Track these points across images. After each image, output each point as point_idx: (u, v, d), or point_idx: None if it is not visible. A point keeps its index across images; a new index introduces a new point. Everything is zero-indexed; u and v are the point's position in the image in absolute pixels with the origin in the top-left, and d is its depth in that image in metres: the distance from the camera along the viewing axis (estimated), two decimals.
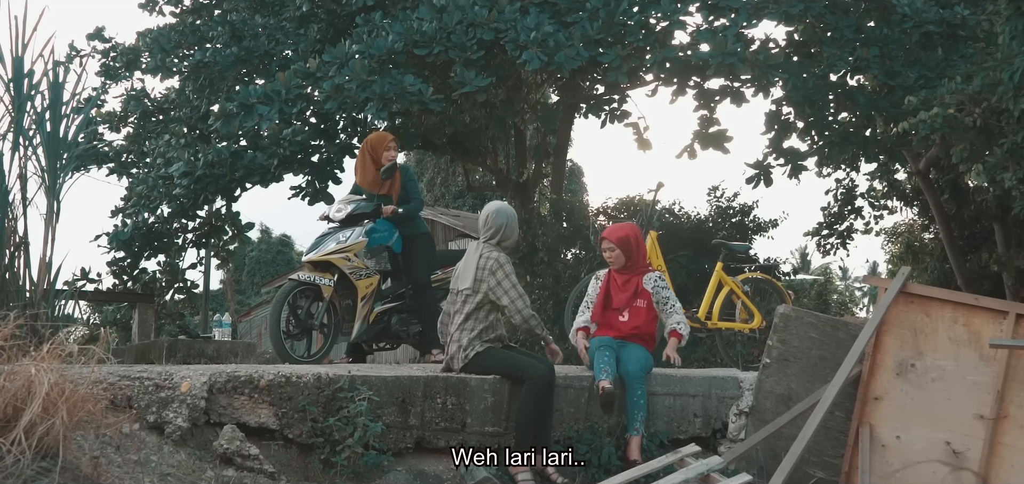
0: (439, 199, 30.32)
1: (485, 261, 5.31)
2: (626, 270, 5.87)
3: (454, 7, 9.40)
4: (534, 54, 9.04)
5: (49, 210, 5.48)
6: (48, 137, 5.50)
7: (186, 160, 10.55)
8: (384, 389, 4.94)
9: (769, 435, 5.17)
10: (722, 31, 9.27)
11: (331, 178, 11.10)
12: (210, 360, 8.92)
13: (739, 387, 5.96)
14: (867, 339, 5.15)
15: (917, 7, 9.92)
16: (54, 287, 5.50)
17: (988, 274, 15.87)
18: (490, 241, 5.42)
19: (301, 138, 10.42)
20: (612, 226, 6.05)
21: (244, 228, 13.32)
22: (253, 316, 31.72)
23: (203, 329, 17.44)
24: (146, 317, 12.48)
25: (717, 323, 7.53)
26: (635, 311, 5.77)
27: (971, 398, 4.99)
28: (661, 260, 7.37)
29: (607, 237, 5.91)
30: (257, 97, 9.67)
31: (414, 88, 9.12)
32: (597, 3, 9.37)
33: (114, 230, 11.68)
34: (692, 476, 4.75)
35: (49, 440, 3.57)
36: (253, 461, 4.46)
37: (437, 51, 9.34)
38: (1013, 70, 8.30)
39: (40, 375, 3.62)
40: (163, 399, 4.46)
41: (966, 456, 4.96)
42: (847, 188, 18.24)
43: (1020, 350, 4.88)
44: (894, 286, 5.22)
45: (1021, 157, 8.35)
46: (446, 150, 13.12)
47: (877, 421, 5.17)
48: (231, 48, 11.53)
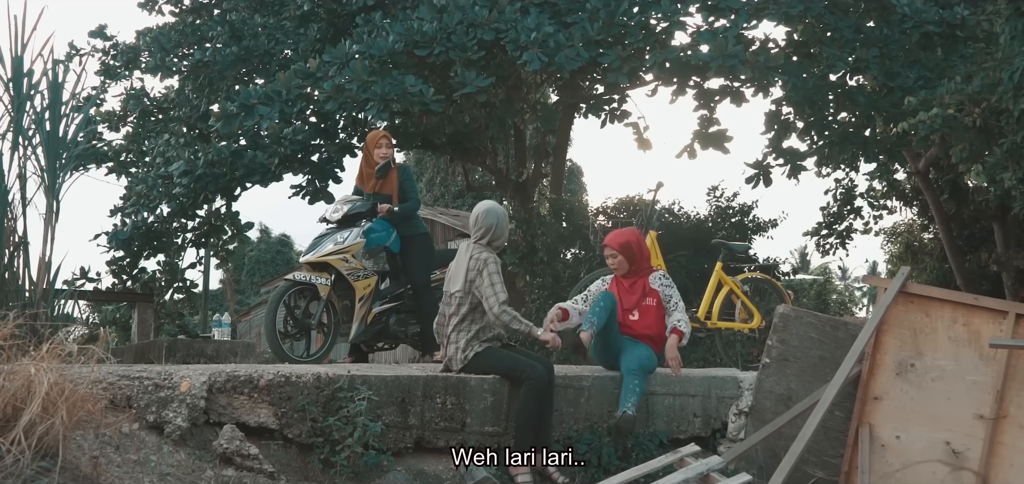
0: (439, 199, 30.32)
1: (474, 262, 5.31)
2: (631, 274, 5.87)
3: (454, 7, 9.40)
4: (535, 55, 9.04)
5: (48, 209, 5.48)
6: (47, 136, 5.50)
7: (186, 159, 10.54)
8: (384, 389, 4.93)
9: (769, 435, 5.17)
10: (722, 32, 9.27)
11: (331, 177, 11.09)
12: (209, 360, 8.91)
13: (739, 387, 5.96)
14: (867, 339, 5.15)
15: (917, 7, 9.92)
16: (54, 287, 5.50)
17: (987, 274, 15.87)
18: (480, 241, 5.41)
19: (301, 137, 10.41)
20: (613, 232, 6.02)
21: (243, 228, 13.32)
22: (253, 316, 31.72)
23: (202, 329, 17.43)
24: (145, 317, 12.48)
25: (717, 323, 7.53)
26: (645, 310, 5.78)
27: (971, 398, 4.99)
28: (661, 260, 7.37)
29: (609, 244, 5.89)
30: (258, 97, 9.67)
31: (415, 89, 9.12)
32: (597, 3, 9.37)
33: (113, 229, 11.68)
34: (692, 476, 4.74)
35: (49, 440, 3.57)
36: (253, 461, 4.46)
37: (437, 51, 9.34)
38: (1013, 70, 8.30)
39: (40, 375, 3.62)
40: (163, 399, 4.46)
41: (966, 456, 4.96)
42: (846, 188, 18.24)
43: (1020, 350, 4.88)
44: (894, 286, 5.22)
45: (1021, 157, 8.35)
46: (446, 150, 13.10)
47: (877, 421, 5.17)
48: (231, 48, 11.52)
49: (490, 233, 5.40)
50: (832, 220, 18.38)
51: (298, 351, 6.69)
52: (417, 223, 7.21)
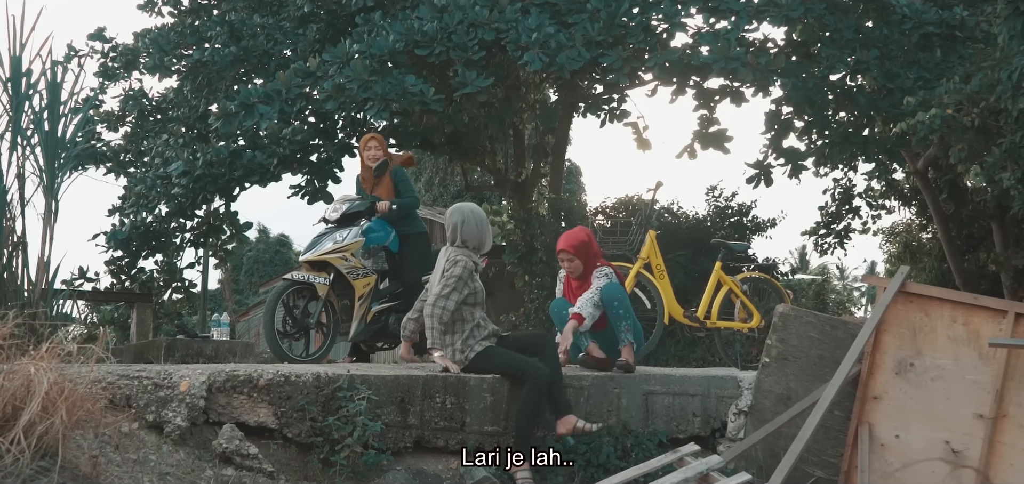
0: (438, 199, 30.29)
1: (446, 264, 5.29)
2: (583, 276, 5.86)
3: (455, 7, 9.40)
4: (536, 55, 9.04)
5: (47, 209, 5.48)
6: (46, 136, 5.50)
7: (185, 159, 10.54)
8: (383, 388, 4.93)
9: (768, 434, 5.17)
10: (724, 34, 9.26)
11: (330, 177, 11.09)
12: (209, 359, 8.91)
13: (738, 386, 5.96)
14: (866, 338, 5.15)
15: (916, 8, 9.92)
16: (53, 286, 5.49)
17: (986, 274, 15.88)
18: (453, 244, 5.38)
19: (300, 138, 10.41)
20: (565, 235, 5.91)
21: (242, 227, 13.33)
22: (251, 315, 31.69)
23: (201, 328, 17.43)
24: (144, 317, 12.48)
25: (716, 322, 7.53)
26: None
27: (970, 397, 4.99)
28: (660, 259, 7.37)
29: (565, 248, 5.80)
30: (258, 97, 9.66)
31: (416, 88, 9.12)
32: (598, 4, 9.36)
33: (111, 229, 11.67)
34: (691, 475, 4.74)
35: (48, 439, 3.56)
36: (252, 460, 4.45)
37: (438, 51, 9.34)
38: (1011, 70, 8.30)
39: (39, 374, 3.62)
40: (162, 398, 4.46)
41: (965, 455, 4.95)
42: (845, 188, 18.26)
43: (1019, 349, 4.88)
44: (893, 285, 5.22)
45: (1019, 157, 8.35)
46: (445, 149, 13.12)
47: (876, 420, 5.17)
48: (230, 48, 11.52)
49: (457, 233, 5.34)
50: (830, 220, 18.40)
51: (297, 351, 6.68)
52: (415, 222, 7.22)
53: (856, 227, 18.53)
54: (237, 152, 10.27)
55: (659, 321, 7.25)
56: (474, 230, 5.37)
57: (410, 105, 9.30)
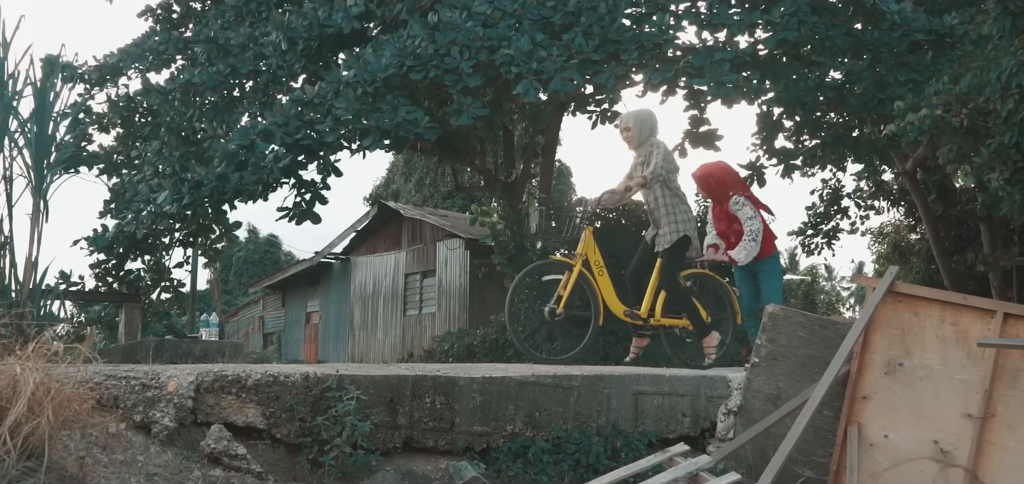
0: (428, 199, 30.26)
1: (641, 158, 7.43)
2: (720, 202, 7.93)
3: (448, 26, 9.37)
4: (529, 84, 9.01)
5: (35, 209, 5.45)
6: (34, 137, 5.47)
7: (172, 185, 10.37)
8: (372, 388, 4.92)
9: (758, 434, 5.17)
10: (718, 60, 9.19)
11: (318, 199, 10.77)
12: (197, 360, 8.86)
13: (728, 386, 5.97)
14: (855, 338, 5.16)
15: (906, 15, 9.94)
16: (40, 287, 5.47)
17: (974, 274, 15.96)
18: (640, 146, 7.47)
19: (287, 162, 10.22)
20: (701, 166, 7.89)
21: (232, 228, 13.26)
22: (240, 316, 31.60)
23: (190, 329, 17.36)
24: (132, 317, 12.41)
25: (660, 320, 7.38)
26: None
27: (959, 397, 5.00)
28: (598, 255, 7.24)
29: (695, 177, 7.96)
30: (257, 134, 9.62)
31: (410, 117, 9.12)
32: (591, 19, 9.35)
33: (93, 234, 11.58)
34: (681, 475, 4.74)
35: (34, 440, 3.54)
36: (240, 461, 4.43)
37: (432, 74, 9.31)
38: (1000, 70, 8.33)
39: (25, 374, 3.60)
40: (150, 399, 4.43)
41: (954, 455, 4.97)
42: (833, 188, 18.32)
43: (1008, 349, 4.89)
44: (882, 285, 5.23)
45: (1008, 158, 8.38)
46: (434, 150, 13.09)
47: (865, 420, 5.18)
48: (216, 65, 11.43)
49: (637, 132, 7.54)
50: (818, 220, 18.45)
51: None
52: None
53: (845, 227, 18.60)
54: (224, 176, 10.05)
55: (594, 320, 7.19)
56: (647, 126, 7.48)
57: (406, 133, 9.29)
